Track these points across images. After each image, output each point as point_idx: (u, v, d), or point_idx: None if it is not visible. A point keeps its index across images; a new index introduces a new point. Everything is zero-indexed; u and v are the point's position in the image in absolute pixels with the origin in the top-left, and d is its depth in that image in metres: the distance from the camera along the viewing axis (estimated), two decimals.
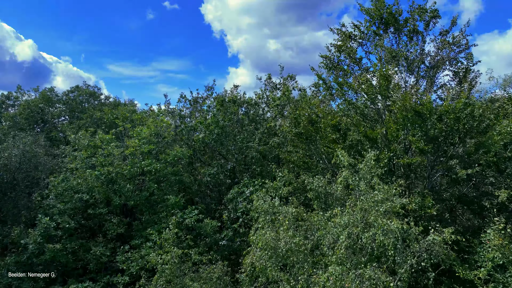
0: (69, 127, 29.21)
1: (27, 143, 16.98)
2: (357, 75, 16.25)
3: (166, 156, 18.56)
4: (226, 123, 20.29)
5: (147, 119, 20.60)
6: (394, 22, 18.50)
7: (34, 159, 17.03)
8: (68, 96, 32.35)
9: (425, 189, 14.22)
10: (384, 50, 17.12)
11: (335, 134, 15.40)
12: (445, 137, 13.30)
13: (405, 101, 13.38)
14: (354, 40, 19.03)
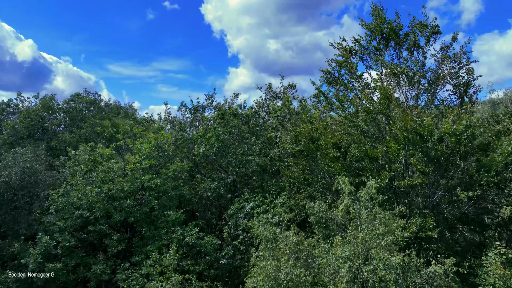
0: (69, 136, 29.20)
1: (28, 160, 16.95)
2: (357, 95, 16.20)
3: (166, 171, 18.53)
4: (227, 137, 20.25)
5: (148, 132, 20.53)
6: (395, 37, 18.47)
7: (35, 175, 17.01)
8: (69, 104, 32.32)
9: (426, 208, 14.19)
10: (384, 66, 17.07)
11: (336, 152, 15.36)
12: (446, 159, 13.26)
13: (405, 122, 13.34)
14: (355, 55, 19.01)
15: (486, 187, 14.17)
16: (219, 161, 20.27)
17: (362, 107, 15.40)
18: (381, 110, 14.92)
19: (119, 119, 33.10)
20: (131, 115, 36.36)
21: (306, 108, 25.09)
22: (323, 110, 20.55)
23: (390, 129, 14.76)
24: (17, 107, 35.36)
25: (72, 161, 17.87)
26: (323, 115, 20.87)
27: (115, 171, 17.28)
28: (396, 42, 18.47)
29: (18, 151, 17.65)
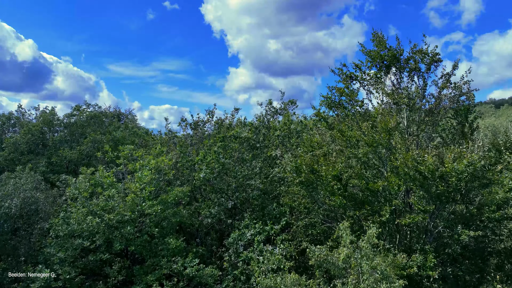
0: (69, 152, 29.18)
1: (28, 190, 16.96)
2: (358, 124, 16.16)
3: (167, 196, 18.52)
4: (227, 160, 20.23)
5: (148, 153, 20.52)
6: (396, 62, 18.45)
7: (35, 205, 17.01)
8: (69, 119, 32.33)
9: (426, 244, 14.18)
10: (385, 95, 17.05)
11: (337, 184, 15.34)
12: (446, 196, 13.24)
13: (406, 160, 13.32)
14: (355, 80, 18.99)
15: (487, 222, 14.17)
16: (220, 184, 20.25)
17: (363, 140, 15.36)
18: (382, 143, 14.89)
19: (119, 133, 33.11)
20: (131, 128, 36.34)
21: (307, 127, 25.05)
22: (324, 131, 20.51)
23: (391, 159, 14.73)
24: (18, 120, 35.40)
25: (72, 188, 17.85)
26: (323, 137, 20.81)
27: (116, 200, 17.27)
28: (397, 68, 18.46)
29: (18, 181, 17.64)
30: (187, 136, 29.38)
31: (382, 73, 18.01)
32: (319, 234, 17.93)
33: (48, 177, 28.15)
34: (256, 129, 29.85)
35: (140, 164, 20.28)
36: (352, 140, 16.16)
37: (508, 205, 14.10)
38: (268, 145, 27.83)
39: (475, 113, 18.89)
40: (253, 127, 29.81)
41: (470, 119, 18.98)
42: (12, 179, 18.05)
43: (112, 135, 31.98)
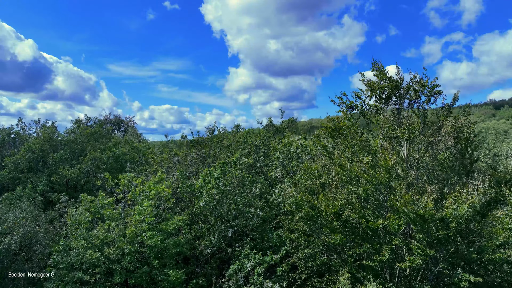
0: (69, 171, 29.19)
1: (28, 224, 16.98)
2: (358, 159, 16.14)
3: (166, 226, 18.53)
4: (227, 188, 20.23)
5: (148, 179, 20.51)
6: (396, 91, 18.44)
7: (34, 239, 17.03)
8: (69, 136, 32.32)
9: (426, 284, 14.18)
10: (385, 130, 17.01)
11: (336, 222, 15.34)
12: (446, 239, 13.23)
13: (406, 202, 13.31)
14: (355, 108, 18.98)
15: (488, 265, 14.15)
16: (219, 211, 20.25)
17: (363, 176, 15.35)
18: (382, 182, 14.88)
19: (119, 149, 33.09)
20: (131, 143, 36.32)
21: (307, 149, 25.05)
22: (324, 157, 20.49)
23: (391, 199, 14.71)
24: (18, 135, 35.41)
25: (72, 220, 17.86)
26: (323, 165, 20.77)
27: (116, 232, 17.27)
28: (397, 96, 18.44)
29: (18, 215, 17.66)
30: (187, 153, 29.38)
31: (382, 104, 17.99)
32: (319, 265, 17.92)
33: (48, 196, 28.16)
34: (257, 147, 29.89)
35: (140, 189, 20.31)
36: (352, 175, 16.14)
37: (508, 245, 14.08)
38: (269, 164, 27.87)
39: (475, 143, 18.90)
40: (253, 145, 29.84)
41: (470, 148, 19.03)
42: (12, 212, 18.06)
43: (112, 152, 31.97)
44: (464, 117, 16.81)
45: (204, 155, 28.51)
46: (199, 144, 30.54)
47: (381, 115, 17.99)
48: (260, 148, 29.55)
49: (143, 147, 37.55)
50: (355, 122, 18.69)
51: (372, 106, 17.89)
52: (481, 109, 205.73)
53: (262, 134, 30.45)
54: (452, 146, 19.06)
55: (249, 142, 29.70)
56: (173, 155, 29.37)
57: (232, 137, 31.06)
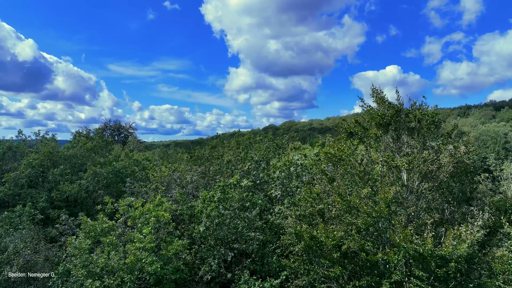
0: (69, 187, 29.22)
1: (28, 253, 17.03)
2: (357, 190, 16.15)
3: (166, 252, 18.56)
4: (227, 211, 20.26)
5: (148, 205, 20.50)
6: (396, 118, 18.44)
7: (34, 268, 17.08)
8: (70, 151, 32.33)
9: None
10: (384, 159, 17.02)
11: (336, 254, 15.37)
12: (445, 278, 13.26)
13: (405, 238, 13.34)
14: (355, 135, 18.99)
15: None
16: (219, 234, 20.28)
17: (363, 209, 15.37)
18: (382, 215, 14.90)
19: (119, 163, 33.10)
20: (131, 155, 36.33)
21: (307, 168, 25.03)
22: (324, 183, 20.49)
23: (391, 233, 14.73)
24: (18, 148, 35.42)
25: (72, 248, 17.89)
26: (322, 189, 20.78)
27: (116, 260, 17.30)
28: (396, 122, 18.44)
29: (18, 244, 17.70)
30: (187, 169, 29.36)
31: (381, 131, 18.00)
32: None
33: (48, 213, 28.20)
34: (257, 163, 29.90)
35: (140, 211, 20.34)
36: (352, 205, 16.15)
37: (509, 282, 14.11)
38: (268, 180, 27.88)
39: (476, 172, 18.89)
40: (253, 161, 29.85)
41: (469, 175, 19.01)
42: (12, 238, 18.09)
43: (112, 166, 31.99)
44: (463, 147, 16.76)
45: (205, 171, 28.52)
46: (199, 159, 30.54)
47: (381, 142, 18.01)
48: (260, 164, 29.57)
49: (143, 160, 37.57)
50: (354, 149, 18.69)
51: (372, 133, 17.88)
52: (481, 110, 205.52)
53: (262, 150, 30.47)
54: (451, 177, 19.08)
55: (249, 158, 29.71)
56: (173, 171, 29.39)
57: (232, 152, 31.06)
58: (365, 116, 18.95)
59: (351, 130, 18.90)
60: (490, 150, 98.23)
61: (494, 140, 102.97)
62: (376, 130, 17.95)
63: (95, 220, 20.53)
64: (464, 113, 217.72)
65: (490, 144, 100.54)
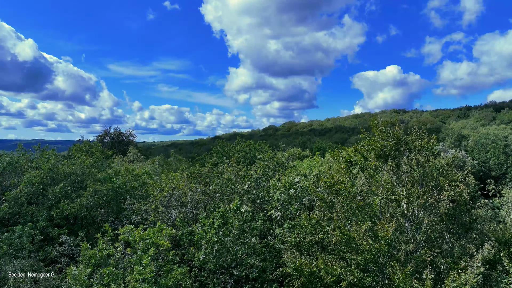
0: (69, 206, 29.24)
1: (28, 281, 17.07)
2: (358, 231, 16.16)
3: (166, 281, 18.58)
4: (227, 239, 20.27)
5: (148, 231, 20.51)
6: (396, 147, 18.46)
7: None
8: (70, 168, 32.34)
9: None
10: (384, 193, 17.04)
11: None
12: None
13: (405, 281, 13.36)
14: (356, 164, 19.01)
15: None
16: (219, 260, 20.30)
17: (362, 244, 15.39)
18: (381, 251, 14.93)
19: (120, 179, 33.10)
20: (131, 171, 36.34)
21: (307, 190, 25.00)
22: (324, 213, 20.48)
23: (390, 273, 14.77)
24: (17, 163, 35.41)
25: (72, 279, 17.91)
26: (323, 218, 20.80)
27: None
28: (396, 154, 18.46)
29: (18, 276, 17.72)
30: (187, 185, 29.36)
31: (381, 162, 18.03)
32: None
33: (48, 232, 28.23)
34: (257, 180, 29.90)
35: (140, 236, 20.35)
36: (351, 240, 16.17)
37: None
38: (268, 199, 27.89)
39: (476, 201, 18.92)
40: (253, 178, 29.86)
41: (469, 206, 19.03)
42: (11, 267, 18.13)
43: (112, 182, 32.01)
44: (463, 185, 16.76)
45: (205, 190, 28.54)
46: (199, 176, 30.55)
47: (380, 174, 18.04)
48: (260, 182, 29.57)
49: (143, 174, 37.58)
50: (354, 178, 18.71)
51: (372, 165, 17.90)
52: (481, 112, 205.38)
53: (262, 167, 30.49)
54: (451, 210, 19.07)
55: (249, 176, 29.71)
56: (173, 188, 29.38)
57: (232, 168, 31.07)
58: (365, 144, 18.98)
59: (350, 159, 18.93)
60: (490, 154, 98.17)
61: (494, 145, 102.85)
62: (375, 161, 17.97)
63: (95, 240, 20.54)
64: (464, 114, 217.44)
65: (490, 148, 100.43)
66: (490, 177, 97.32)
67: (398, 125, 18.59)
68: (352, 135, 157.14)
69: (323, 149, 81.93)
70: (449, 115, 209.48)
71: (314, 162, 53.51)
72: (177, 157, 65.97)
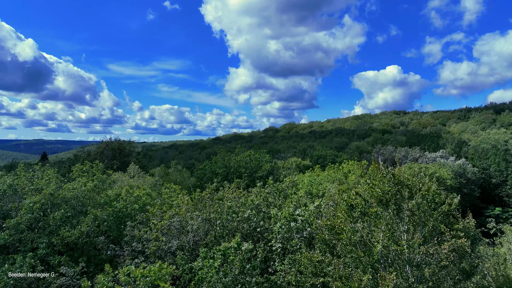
0: (69, 233, 29.27)
1: None
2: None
3: None
4: (228, 279, 20.30)
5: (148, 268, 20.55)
6: (397, 191, 18.45)
7: None
8: (70, 193, 32.31)
9: None
10: (385, 241, 17.04)
11: None
12: None
13: None
14: (356, 208, 19.00)
15: None
16: None
17: None
18: None
19: (120, 202, 33.09)
20: (132, 192, 36.31)
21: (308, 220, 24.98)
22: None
23: None
24: (19, 185, 35.41)
25: None
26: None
27: None
28: (397, 199, 18.44)
29: None
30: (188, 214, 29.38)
31: (382, 209, 18.01)
32: None
33: (49, 260, 28.27)
34: (257, 207, 29.90)
35: (141, 273, 20.40)
36: None
37: None
38: (269, 228, 27.89)
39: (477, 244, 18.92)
40: (253, 204, 29.86)
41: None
42: None
43: (112, 207, 32.03)
44: (465, 239, 16.71)
45: (206, 217, 28.58)
46: (199, 202, 30.55)
47: (381, 219, 18.01)
48: (261, 209, 29.56)
49: (144, 195, 37.55)
50: (355, 222, 18.70)
51: (373, 212, 17.88)
52: (481, 114, 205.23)
53: (263, 194, 30.47)
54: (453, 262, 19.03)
55: (249, 203, 29.71)
56: (173, 215, 29.40)
57: (232, 190, 31.06)
58: (365, 188, 18.97)
59: (351, 203, 18.93)
60: (491, 161, 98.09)
61: (495, 151, 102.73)
62: (376, 207, 17.96)
63: (95, 266, 20.54)
64: (464, 116, 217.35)
65: (491, 155, 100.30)
66: (490, 184, 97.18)
67: (400, 173, 18.56)
68: (352, 138, 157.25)
69: (323, 157, 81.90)
70: (449, 117, 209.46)
71: (315, 175, 53.59)
72: (178, 168, 66.03)
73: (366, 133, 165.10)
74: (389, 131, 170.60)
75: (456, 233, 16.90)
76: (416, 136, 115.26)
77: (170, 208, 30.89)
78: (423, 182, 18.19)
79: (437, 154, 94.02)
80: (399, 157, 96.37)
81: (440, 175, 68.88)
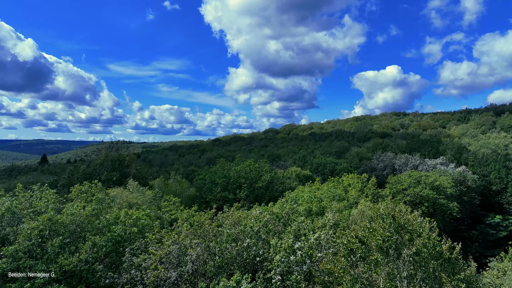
0: (68, 261, 29.10)
1: None
2: None
3: None
4: None
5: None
6: (398, 235, 18.25)
7: None
8: (69, 218, 32.13)
9: None
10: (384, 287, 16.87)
11: None
12: None
13: None
14: (356, 252, 18.81)
15: None
16: None
17: None
18: None
19: (119, 227, 32.92)
20: (131, 214, 36.12)
21: (307, 255, 24.82)
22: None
23: None
24: (17, 208, 35.22)
25: None
26: None
27: None
28: (397, 243, 18.26)
29: None
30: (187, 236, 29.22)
31: (382, 256, 17.82)
32: None
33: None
34: (257, 234, 29.72)
35: None
36: None
37: None
38: (268, 257, 27.73)
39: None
40: (252, 231, 29.68)
41: None
42: None
43: (111, 232, 31.86)
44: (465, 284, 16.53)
45: (205, 246, 28.41)
46: (199, 228, 30.38)
47: (381, 266, 17.83)
48: (261, 235, 29.39)
49: (143, 215, 37.35)
50: (355, 266, 18.52)
51: (372, 260, 17.69)
52: (481, 116, 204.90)
53: (262, 221, 30.28)
54: None
55: (248, 230, 29.55)
56: (172, 242, 29.23)
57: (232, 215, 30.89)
58: (365, 231, 18.79)
59: (351, 247, 18.75)
60: (491, 168, 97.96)
61: (495, 157, 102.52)
62: (376, 254, 17.77)
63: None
64: (464, 118, 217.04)
65: (491, 162, 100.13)
66: (490, 191, 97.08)
67: (401, 213, 18.38)
68: (352, 141, 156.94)
69: (323, 165, 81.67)
70: (449, 119, 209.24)
71: (315, 188, 53.35)
72: (177, 179, 65.84)
73: (366, 136, 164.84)
74: (389, 134, 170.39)
75: (457, 284, 16.73)
76: (416, 141, 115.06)
77: (168, 233, 30.75)
78: (423, 227, 18.02)
79: (437, 161, 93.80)
80: (399, 164, 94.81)
81: (441, 183, 68.64)
